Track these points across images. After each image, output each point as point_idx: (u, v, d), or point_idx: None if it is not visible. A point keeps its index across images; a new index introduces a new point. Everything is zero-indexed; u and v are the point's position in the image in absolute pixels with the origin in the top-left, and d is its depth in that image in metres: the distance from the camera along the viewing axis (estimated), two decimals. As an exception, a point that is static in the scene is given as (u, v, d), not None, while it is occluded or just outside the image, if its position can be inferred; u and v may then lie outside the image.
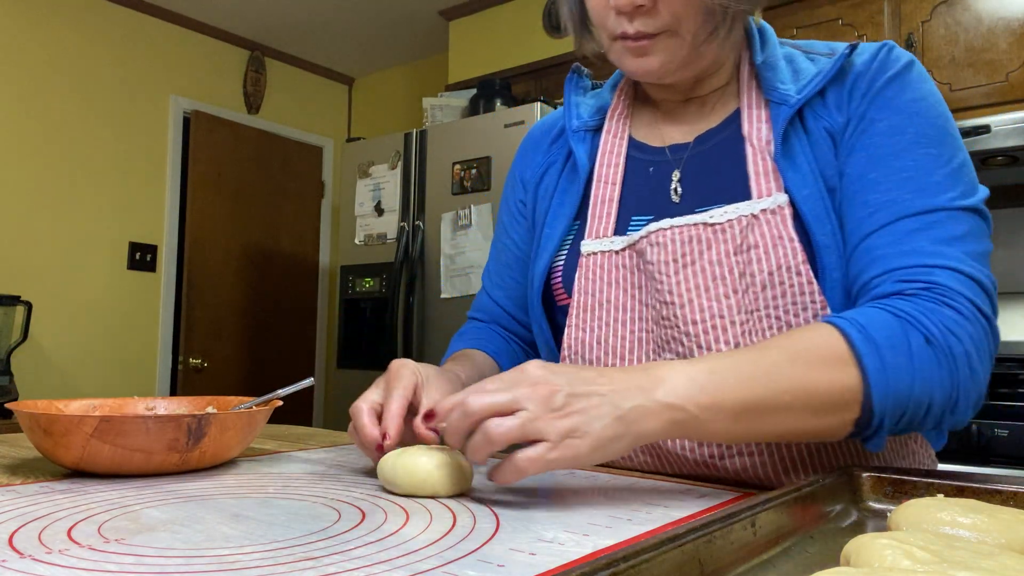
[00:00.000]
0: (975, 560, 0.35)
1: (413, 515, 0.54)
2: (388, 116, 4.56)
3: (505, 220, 0.99)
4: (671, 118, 0.85)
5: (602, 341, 0.79)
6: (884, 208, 0.69)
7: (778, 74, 0.77)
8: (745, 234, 0.72)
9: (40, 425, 0.65)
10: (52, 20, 3.47)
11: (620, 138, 0.86)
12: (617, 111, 0.88)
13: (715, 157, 0.80)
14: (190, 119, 3.89)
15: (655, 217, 0.79)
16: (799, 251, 0.71)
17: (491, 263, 1.01)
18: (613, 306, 0.79)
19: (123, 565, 0.42)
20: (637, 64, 0.75)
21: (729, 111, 0.81)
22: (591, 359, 0.80)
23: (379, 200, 3.01)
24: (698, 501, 0.61)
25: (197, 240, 3.82)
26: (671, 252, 0.75)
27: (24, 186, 3.35)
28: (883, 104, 0.72)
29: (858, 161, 0.72)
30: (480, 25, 3.64)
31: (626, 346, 0.78)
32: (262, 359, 4.14)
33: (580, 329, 0.81)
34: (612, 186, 0.84)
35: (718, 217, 0.74)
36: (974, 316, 0.63)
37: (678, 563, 0.34)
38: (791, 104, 0.74)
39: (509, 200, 0.99)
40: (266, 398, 0.80)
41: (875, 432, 0.62)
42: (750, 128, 0.77)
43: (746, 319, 0.72)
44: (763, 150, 0.76)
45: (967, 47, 2.25)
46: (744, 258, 0.72)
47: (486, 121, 2.74)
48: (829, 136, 0.74)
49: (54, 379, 3.43)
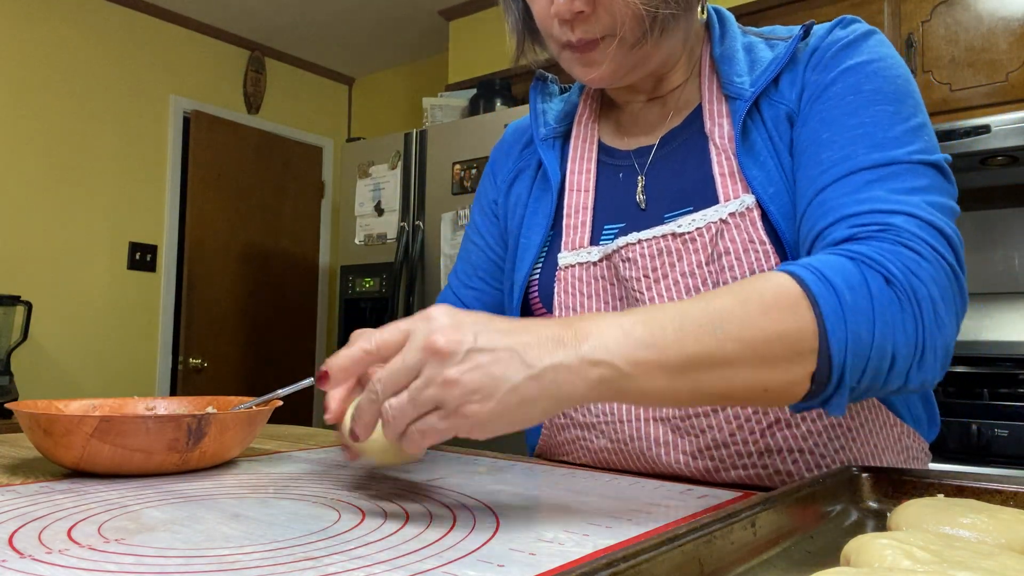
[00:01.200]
0: (975, 560, 0.35)
1: (413, 515, 0.54)
2: (388, 116, 4.56)
3: (477, 219, 0.96)
4: (636, 120, 0.83)
5: None
6: (838, 164, 0.64)
7: (735, 66, 0.74)
8: (715, 241, 0.70)
9: (40, 425, 0.65)
10: (52, 20, 3.46)
11: (589, 143, 0.84)
12: (584, 116, 0.86)
13: (679, 159, 0.77)
14: (190, 119, 3.89)
15: (626, 225, 0.77)
16: (771, 254, 0.68)
17: (460, 263, 0.98)
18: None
19: (123, 565, 0.42)
20: (586, 72, 0.73)
21: (691, 108, 0.78)
22: None
23: (379, 200, 3.01)
24: (698, 501, 0.61)
25: (197, 240, 3.82)
26: (642, 267, 0.73)
27: (24, 186, 3.35)
28: (836, 68, 0.68)
29: (811, 126, 0.67)
30: (480, 25, 3.64)
31: None
32: (262, 359, 4.14)
33: None
34: (584, 194, 0.81)
35: (686, 226, 0.71)
36: (936, 260, 0.57)
37: (678, 563, 0.34)
38: (746, 98, 0.71)
39: (483, 199, 0.96)
40: (266, 398, 0.80)
41: (835, 389, 0.54)
42: (711, 125, 0.75)
43: None
44: (726, 148, 0.73)
45: (967, 47, 2.25)
46: (716, 267, 0.70)
47: (486, 121, 2.74)
48: (787, 120, 0.71)
49: (54, 379, 3.43)
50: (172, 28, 3.91)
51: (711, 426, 0.71)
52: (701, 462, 0.72)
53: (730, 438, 0.71)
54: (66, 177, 3.49)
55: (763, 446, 0.70)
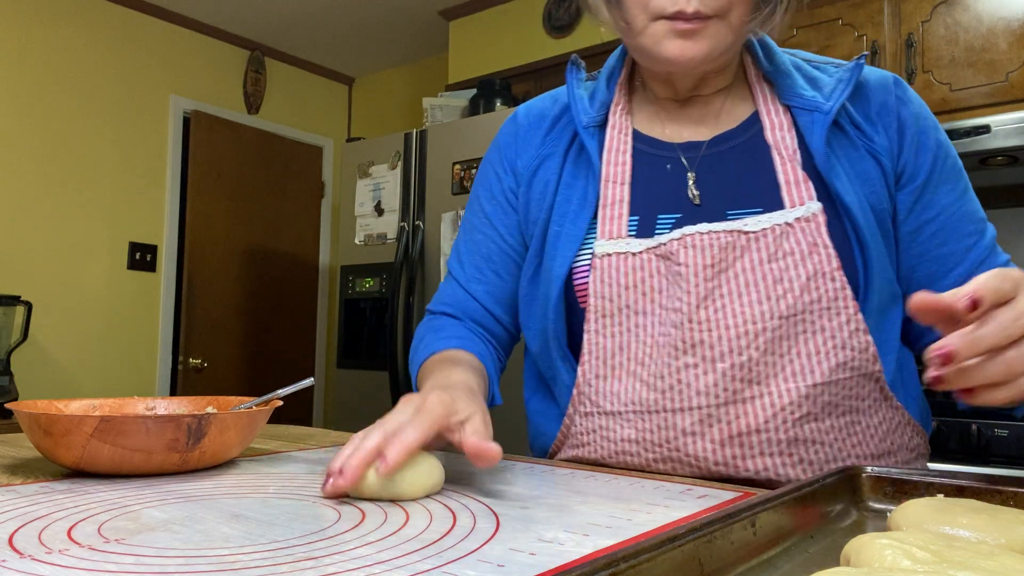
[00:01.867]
0: (975, 560, 0.35)
1: (413, 515, 0.54)
2: (388, 116, 4.56)
3: (488, 209, 0.92)
4: (674, 115, 0.85)
5: (624, 347, 0.78)
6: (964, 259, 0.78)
7: (795, 81, 0.79)
8: (779, 242, 0.74)
9: (40, 425, 0.65)
10: (52, 20, 3.46)
11: (625, 134, 0.84)
12: (619, 106, 0.86)
13: (734, 161, 0.80)
14: (190, 119, 3.89)
15: (683, 217, 0.78)
16: (833, 257, 0.73)
17: (465, 255, 0.94)
18: (632, 311, 0.77)
19: (123, 565, 0.42)
20: (680, 48, 0.73)
21: (743, 115, 0.82)
22: (613, 365, 0.79)
23: (379, 200, 3.01)
24: (698, 501, 0.61)
25: (197, 240, 3.82)
26: (707, 256, 0.74)
27: (24, 186, 3.35)
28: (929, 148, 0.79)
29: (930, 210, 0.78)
30: (480, 25, 3.64)
31: (646, 351, 0.77)
32: (262, 359, 4.14)
33: (600, 335, 0.79)
34: (622, 186, 0.82)
35: (753, 225, 0.75)
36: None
37: (678, 563, 0.34)
38: (825, 111, 0.76)
39: (494, 188, 0.92)
40: (266, 398, 0.80)
41: None
42: (774, 136, 0.79)
43: (779, 324, 0.73)
44: (791, 159, 0.77)
45: (967, 47, 2.25)
46: (778, 265, 0.73)
47: (486, 121, 2.74)
48: (871, 156, 0.77)
49: (54, 379, 3.43)
50: (172, 28, 3.91)
51: (745, 413, 0.73)
52: (728, 450, 0.74)
53: (763, 425, 0.73)
54: (66, 177, 3.49)
55: (792, 435, 0.73)
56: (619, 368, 0.78)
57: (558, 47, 3.32)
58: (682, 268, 0.75)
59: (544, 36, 3.38)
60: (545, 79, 3.33)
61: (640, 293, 0.77)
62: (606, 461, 0.80)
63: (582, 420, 0.82)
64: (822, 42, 2.51)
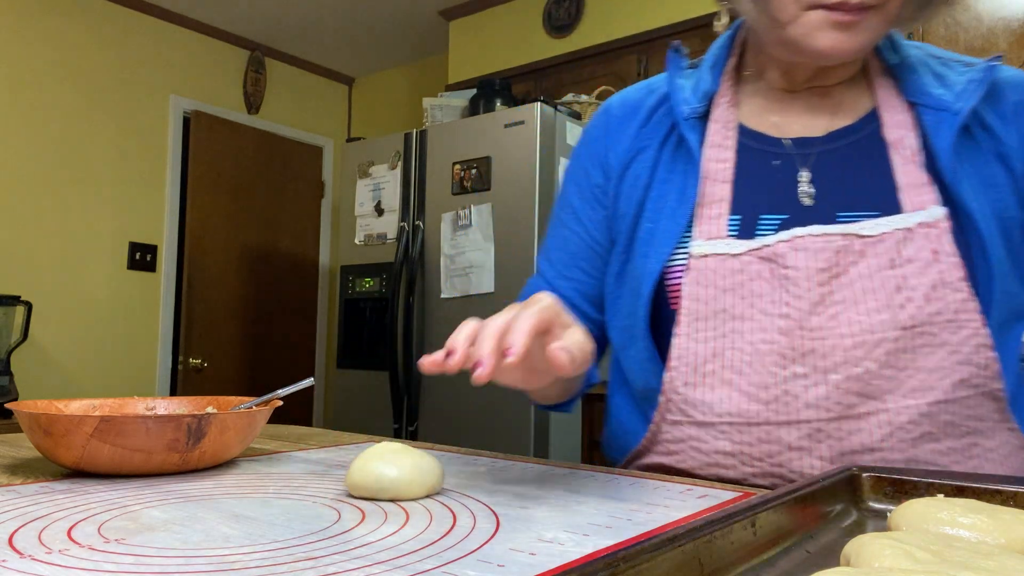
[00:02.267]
0: (975, 560, 0.35)
1: (413, 515, 0.54)
2: (388, 116, 4.56)
3: (576, 204, 0.88)
4: (786, 107, 0.79)
5: (718, 354, 0.73)
6: None
7: (922, 77, 0.74)
8: (899, 248, 0.69)
9: (40, 425, 0.65)
10: (52, 20, 3.46)
11: (729, 128, 0.78)
12: (725, 98, 0.79)
13: (850, 159, 0.75)
14: (190, 119, 3.89)
15: (790, 218, 0.73)
16: (958, 267, 0.68)
17: (553, 251, 0.90)
18: (729, 315, 0.72)
19: (123, 565, 0.42)
20: (835, 40, 0.68)
21: (862, 109, 0.77)
22: (705, 372, 0.73)
23: (379, 200, 3.01)
24: (698, 501, 0.61)
25: (197, 240, 3.82)
26: (820, 260, 0.70)
27: (24, 186, 3.35)
28: None
29: None
30: (480, 25, 3.64)
31: (744, 359, 0.71)
32: (262, 359, 4.14)
33: (692, 339, 0.74)
34: (723, 184, 0.76)
35: (870, 229, 0.70)
36: None
37: (678, 563, 0.34)
38: (954, 111, 0.71)
39: (582, 183, 0.87)
40: (266, 398, 0.80)
41: None
42: (895, 133, 0.74)
43: (899, 336, 0.68)
44: (911, 160, 0.72)
45: (967, 47, 2.25)
46: (899, 273, 0.69)
47: (486, 121, 2.74)
48: (999, 160, 0.72)
49: (54, 379, 3.43)
50: (172, 28, 3.91)
51: (859, 430, 0.69)
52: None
53: (878, 444, 0.69)
54: (66, 177, 3.49)
55: (909, 456, 0.69)
56: (712, 376, 0.73)
57: (558, 47, 3.32)
58: (790, 272, 0.70)
59: (544, 36, 3.39)
60: (545, 79, 3.33)
61: (739, 297, 0.72)
62: (697, 473, 0.76)
63: (670, 428, 0.77)
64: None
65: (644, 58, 3.00)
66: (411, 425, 2.79)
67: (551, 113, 2.62)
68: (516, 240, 2.57)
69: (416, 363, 2.71)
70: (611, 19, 3.16)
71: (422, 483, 0.60)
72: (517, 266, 2.56)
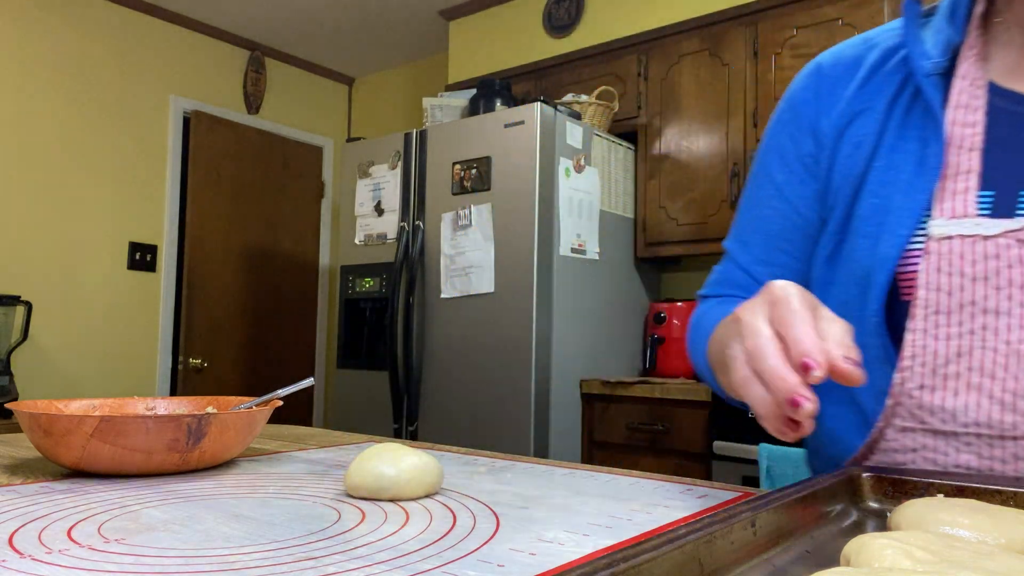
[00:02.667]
0: (975, 560, 0.35)
1: (413, 515, 0.54)
2: (388, 116, 4.56)
3: (780, 179, 0.77)
4: None
5: (964, 353, 0.62)
6: None
7: None
8: None
9: (40, 425, 0.65)
10: (52, 20, 3.47)
11: (978, 86, 0.66)
12: (973, 50, 0.67)
13: None
14: (190, 119, 3.89)
15: None
16: None
17: (749, 233, 0.80)
18: (979, 308, 0.61)
19: (123, 565, 0.42)
20: None
21: None
22: (947, 374, 0.63)
23: (379, 200, 3.01)
24: (698, 501, 0.61)
25: (197, 240, 3.82)
26: None
27: (24, 186, 3.35)
28: None
29: None
30: (480, 25, 3.64)
31: (998, 360, 0.61)
32: (262, 359, 4.14)
33: (930, 336, 0.63)
34: (971, 152, 0.64)
35: None
36: None
37: (678, 563, 0.34)
38: None
39: (787, 153, 0.77)
40: (266, 398, 0.80)
41: None
42: None
43: None
44: None
45: (967, 47, 2.25)
46: None
47: (486, 121, 2.74)
48: None
49: (54, 379, 3.43)
50: (172, 28, 3.91)
51: None
52: None
53: None
54: (66, 177, 3.49)
55: None
56: (955, 379, 0.63)
57: (558, 47, 3.32)
58: None
59: (544, 36, 3.39)
60: (545, 79, 3.33)
61: (993, 287, 0.61)
62: None
63: (898, 435, 0.66)
64: (822, 42, 2.50)
65: (644, 58, 3.00)
66: (411, 425, 2.79)
67: (551, 113, 2.62)
68: (516, 240, 2.57)
69: (416, 366, 2.72)
70: (611, 19, 3.16)
71: (422, 483, 0.60)
72: (517, 266, 2.56)
